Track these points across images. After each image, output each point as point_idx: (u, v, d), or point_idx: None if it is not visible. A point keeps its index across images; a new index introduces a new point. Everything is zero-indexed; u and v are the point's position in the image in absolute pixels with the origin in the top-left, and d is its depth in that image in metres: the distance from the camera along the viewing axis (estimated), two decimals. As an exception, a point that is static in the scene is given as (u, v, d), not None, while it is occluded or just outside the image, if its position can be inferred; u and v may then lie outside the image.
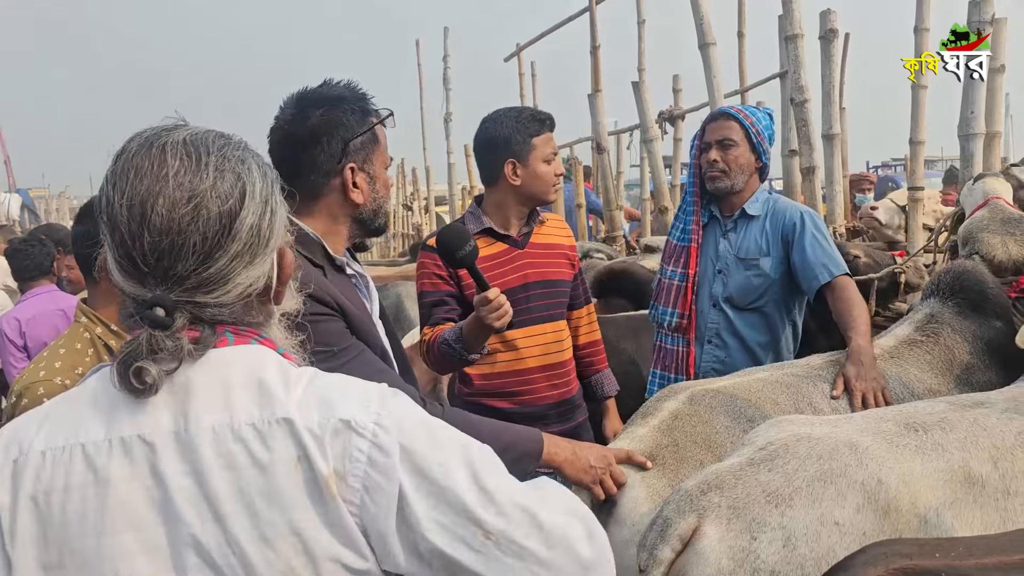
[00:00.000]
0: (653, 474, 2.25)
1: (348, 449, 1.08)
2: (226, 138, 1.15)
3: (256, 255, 1.13)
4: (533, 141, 2.77)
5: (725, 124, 3.13)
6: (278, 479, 1.07)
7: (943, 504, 1.85)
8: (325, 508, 1.07)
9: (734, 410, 2.46)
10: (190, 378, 1.10)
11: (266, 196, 1.15)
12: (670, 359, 3.21)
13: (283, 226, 1.19)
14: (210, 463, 1.06)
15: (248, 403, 1.09)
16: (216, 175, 1.10)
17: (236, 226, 1.10)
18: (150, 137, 1.11)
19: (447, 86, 12.50)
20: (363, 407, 1.12)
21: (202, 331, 1.10)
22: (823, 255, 2.97)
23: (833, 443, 1.91)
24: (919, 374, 2.71)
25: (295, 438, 1.07)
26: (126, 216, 1.07)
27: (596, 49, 7.32)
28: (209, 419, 1.08)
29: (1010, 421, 2.05)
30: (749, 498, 1.83)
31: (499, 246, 2.80)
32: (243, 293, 1.13)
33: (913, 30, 5.07)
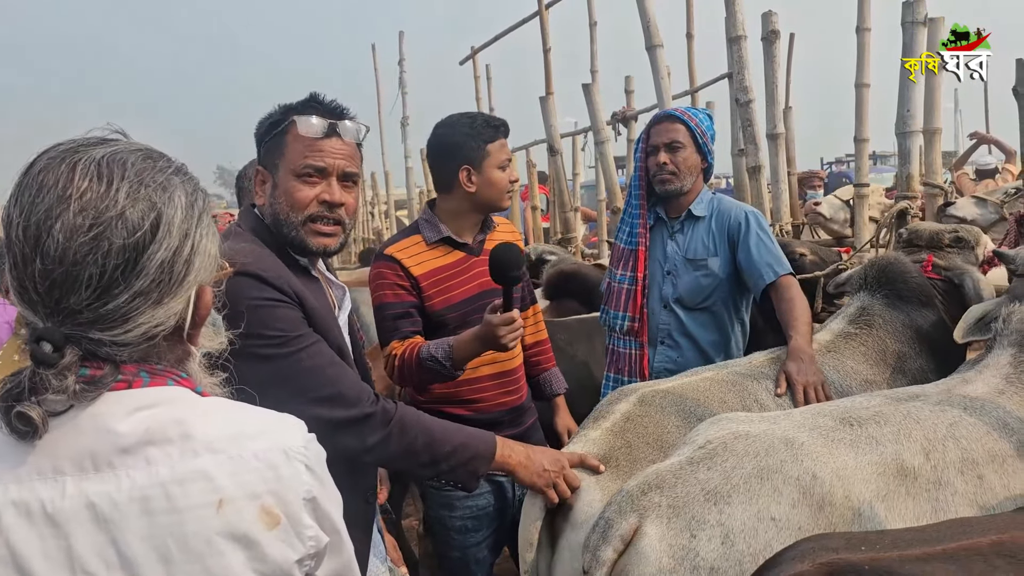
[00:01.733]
0: (607, 476, 2.27)
1: (291, 475, 1.05)
2: (153, 160, 1.04)
3: (165, 295, 1.02)
4: (487, 148, 2.73)
5: (671, 127, 3.17)
6: (198, 523, 1.00)
7: (876, 496, 1.89)
8: (255, 548, 1.02)
9: (684, 410, 2.49)
10: (97, 417, 1.01)
11: (186, 230, 1.04)
12: (623, 362, 3.24)
13: (209, 262, 1.08)
14: (122, 509, 0.98)
15: (165, 446, 1.01)
16: (127, 202, 0.99)
17: (142, 262, 1.00)
18: (65, 152, 1.01)
19: (403, 90, 12.49)
20: (291, 435, 1.09)
21: (104, 369, 1.01)
22: (767, 254, 3.04)
23: (770, 440, 1.95)
24: (855, 366, 2.79)
25: (219, 477, 1.01)
26: (21, 237, 0.99)
27: (548, 51, 7.35)
28: (121, 462, 1.00)
29: (942, 413, 2.11)
30: (689, 497, 1.86)
31: (456, 254, 2.75)
32: (146, 333, 1.02)
33: (855, 30, 5.18)
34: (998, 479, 2.01)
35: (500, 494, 2.77)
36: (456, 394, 2.77)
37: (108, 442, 1.00)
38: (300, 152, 1.94)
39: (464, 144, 2.72)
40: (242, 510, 1.01)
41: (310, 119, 1.92)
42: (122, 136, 1.07)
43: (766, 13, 4.90)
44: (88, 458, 1.00)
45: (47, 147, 1.03)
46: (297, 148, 1.94)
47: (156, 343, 1.05)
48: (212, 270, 1.10)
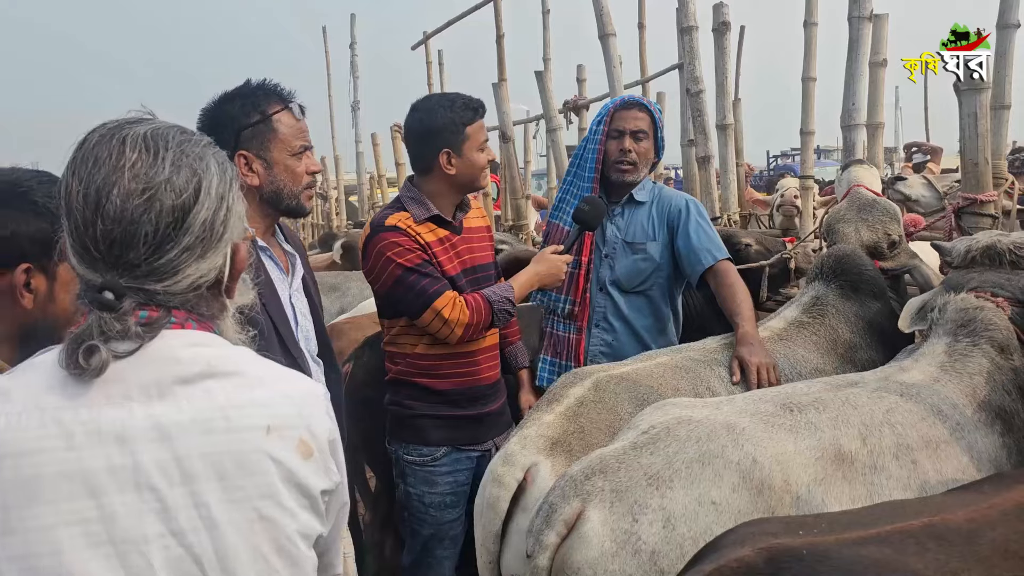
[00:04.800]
0: (561, 461, 2.29)
1: (320, 417, 1.21)
2: (188, 134, 1.18)
3: (208, 249, 1.16)
4: (467, 130, 2.74)
5: (639, 115, 3.16)
6: (251, 443, 1.13)
7: (814, 481, 1.93)
8: (294, 470, 1.15)
9: (637, 396, 2.51)
10: (160, 351, 1.12)
11: (222, 192, 1.17)
12: (561, 346, 3.25)
13: (239, 222, 1.21)
14: (185, 428, 1.10)
15: (222, 379, 1.15)
16: (172, 169, 1.13)
17: (189, 220, 1.13)
18: (112, 128, 1.14)
19: (354, 74, 12.31)
20: (318, 386, 1.26)
21: (158, 314, 1.13)
22: (707, 240, 3.08)
23: (712, 425, 1.97)
24: (806, 354, 2.83)
25: (267, 407, 1.16)
26: (82, 203, 1.10)
27: (501, 38, 7.31)
28: (183, 390, 1.12)
29: (879, 400, 2.16)
30: (631, 481, 1.87)
31: (441, 232, 2.78)
32: (193, 284, 1.15)
33: (803, 24, 5.25)
34: (931, 464, 2.06)
35: (477, 472, 2.81)
36: (444, 366, 2.79)
37: (171, 372, 1.12)
38: (292, 135, 2.23)
39: (445, 128, 2.73)
40: (286, 437, 1.16)
41: (296, 106, 2.24)
42: (154, 116, 1.20)
43: (717, 4, 4.93)
44: (154, 386, 1.11)
45: (95, 126, 1.16)
46: (290, 132, 2.22)
47: (200, 293, 1.18)
48: (242, 230, 1.24)
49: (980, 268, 2.63)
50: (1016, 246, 2.57)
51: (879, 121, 4.79)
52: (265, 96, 2.22)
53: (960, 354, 2.33)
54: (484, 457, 2.86)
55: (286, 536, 1.15)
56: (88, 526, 1.07)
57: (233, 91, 2.24)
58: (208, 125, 2.20)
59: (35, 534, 1.05)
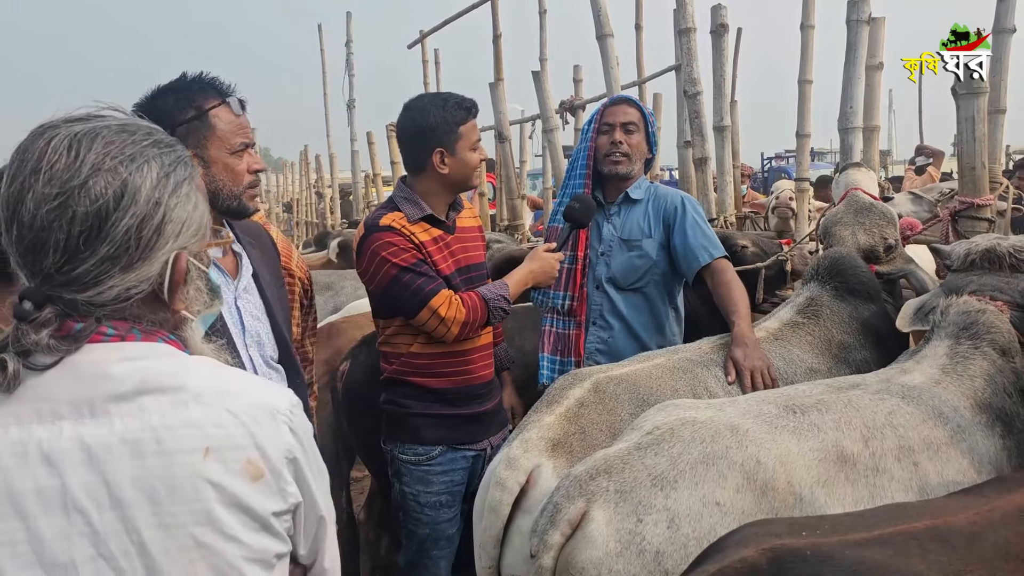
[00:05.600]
0: (562, 462, 2.29)
1: (275, 434, 1.13)
2: (128, 133, 1.10)
3: (134, 260, 1.08)
4: (460, 130, 2.74)
5: (628, 109, 3.19)
6: (185, 467, 1.06)
7: (817, 482, 1.94)
8: (238, 494, 1.09)
9: (637, 397, 2.52)
10: (93, 366, 1.07)
11: (157, 198, 1.09)
12: (561, 343, 3.25)
13: (189, 231, 1.13)
14: (114, 451, 1.05)
15: (158, 395, 1.08)
16: (90, 172, 1.05)
17: (107, 228, 1.05)
18: (45, 127, 1.09)
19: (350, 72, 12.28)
20: (279, 399, 1.16)
21: (82, 326, 1.07)
22: (703, 238, 3.08)
23: (716, 426, 1.97)
24: (801, 354, 2.84)
25: (207, 426, 1.08)
26: (2, 205, 1.07)
27: (498, 38, 7.30)
28: (116, 408, 1.07)
29: (881, 402, 2.17)
30: (636, 482, 1.88)
31: (435, 232, 2.79)
32: (119, 296, 1.08)
33: (800, 27, 5.27)
34: (932, 466, 2.08)
35: (472, 472, 2.82)
36: (439, 365, 2.79)
37: (104, 389, 1.07)
38: (232, 131, 2.09)
39: (438, 127, 2.73)
40: (227, 460, 1.08)
41: (236, 101, 2.11)
42: (115, 112, 1.13)
43: (716, 7, 4.95)
44: (85, 404, 1.06)
45: (37, 126, 1.10)
46: (229, 128, 2.09)
47: (132, 304, 1.11)
48: (196, 237, 1.15)
49: (979, 271, 2.65)
50: (1016, 249, 2.59)
51: (875, 124, 4.81)
52: (201, 90, 2.10)
53: (962, 357, 2.35)
54: (479, 457, 2.87)
55: (227, 563, 1.09)
56: (16, 547, 1.03)
57: (167, 85, 2.11)
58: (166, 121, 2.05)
59: None
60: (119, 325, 1.10)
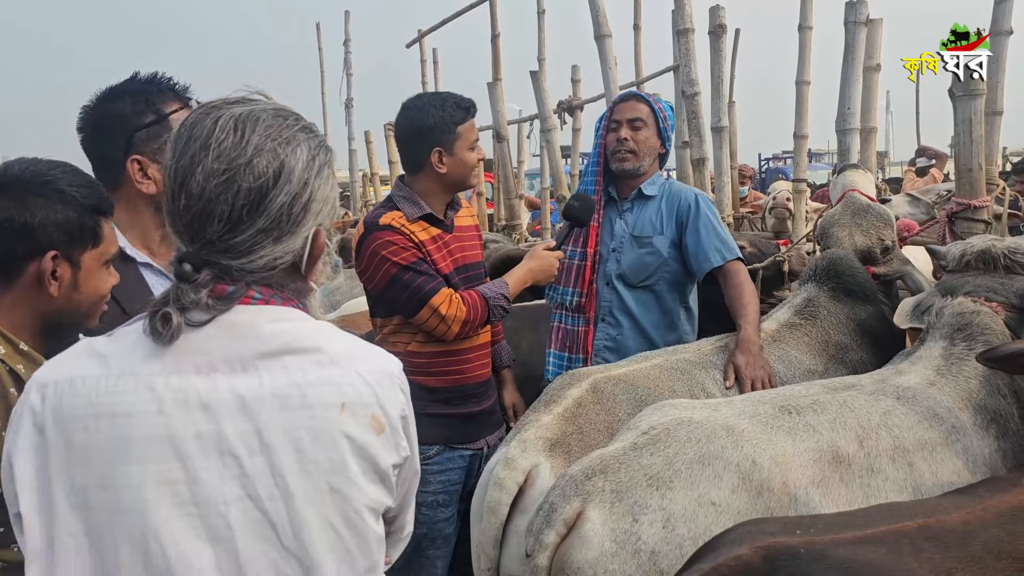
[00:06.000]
0: (560, 462, 2.30)
1: (393, 395, 1.24)
2: (282, 118, 1.21)
3: (284, 233, 1.19)
4: (458, 129, 2.77)
5: (636, 105, 3.18)
6: (326, 420, 1.17)
7: (812, 483, 1.95)
8: (365, 446, 1.19)
9: (635, 397, 2.53)
10: (244, 326, 1.18)
11: (306, 179, 1.20)
12: (570, 339, 3.25)
13: (326, 208, 1.24)
14: (265, 402, 1.15)
15: (300, 355, 1.19)
16: (255, 153, 1.16)
17: (265, 203, 1.17)
18: (211, 108, 1.19)
19: (348, 71, 12.25)
20: (393, 363, 1.29)
21: (233, 289, 1.18)
22: (716, 239, 3.05)
23: (712, 427, 1.98)
24: (799, 355, 2.85)
25: (342, 385, 1.19)
26: (171, 177, 1.17)
27: (496, 37, 7.30)
28: (263, 364, 1.17)
29: (876, 402, 2.18)
30: (632, 482, 1.89)
31: (434, 231, 2.81)
32: (267, 264, 1.19)
33: (798, 28, 5.27)
34: (927, 466, 2.09)
35: (469, 471, 2.82)
36: (435, 364, 2.79)
37: (253, 347, 1.17)
38: None
39: (436, 127, 2.75)
40: (358, 415, 1.19)
41: (196, 104, 1.99)
42: (263, 97, 1.24)
43: (714, 7, 4.95)
44: (237, 359, 1.17)
45: (202, 103, 1.22)
46: None
47: (277, 272, 1.22)
48: (330, 215, 1.26)
49: (974, 272, 2.66)
50: (1010, 251, 2.61)
51: (872, 125, 4.82)
52: (159, 93, 2.01)
53: (956, 358, 2.36)
54: (476, 456, 2.87)
55: (354, 509, 1.19)
56: (174, 487, 1.13)
57: (120, 87, 2.00)
58: (93, 125, 1.99)
59: (128, 491, 1.12)
60: (264, 291, 1.21)
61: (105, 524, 1.12)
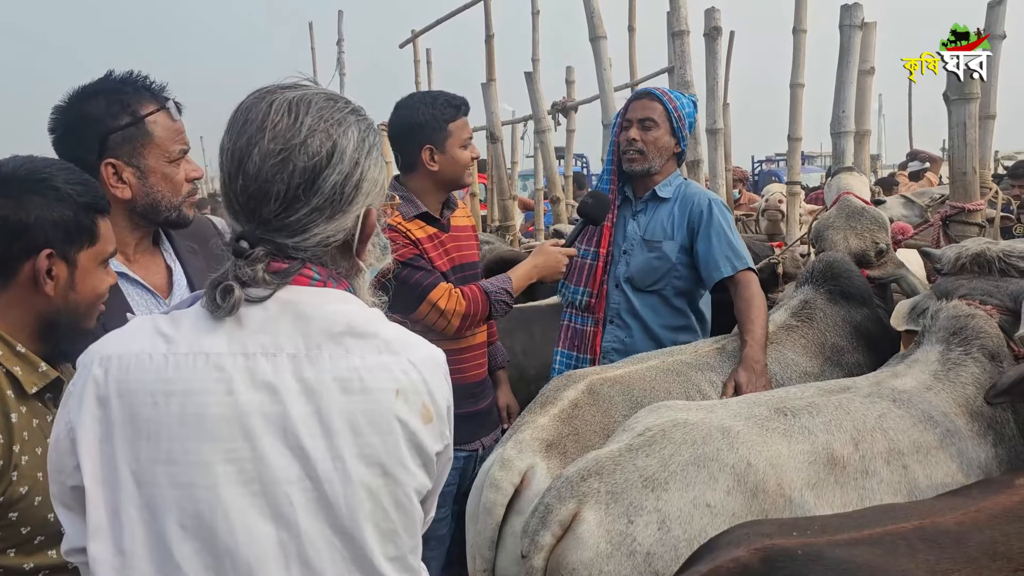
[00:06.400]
0: (556, 463, 2.30)
1: (440, 383, 1.27)
2: (333, 101, 1.24)
3: (337, 211, 1.22)
4: (449, 127, 2.78)
5: (648, 104, 3.13)
6: (382, 404, 1.19)
7: (807, 485, 1.95)
8: (416, 433, 1.21)
9: (631, 399, 2.53)
10: (307, 307, 1.20)
11: (356, 159, 1.23)
12: (579, 339, 3.24)
13: (376, 189, 1.27)
14: (327, 385, 1.17)
15: (360, 339, 1.21)
16: (308, 134, 1.19)
17: (319, 182, 1.19)
18: (265, 92, 1.22)
19: (341, 71, 12.23)
20: (440, 352, 1.31)
21: (288, 266, 1.20)
22: (727, 247, 3.00)
23: (707, 428, 1.98)
24: (795, 357, 2.85)
25: (396, 372, 1.21)
26: (228, 159, 1.20)
27: (491, 38, 7.30)
28: (327, 346, 1.19)
29: (872, 405, 2.18)
30: (627, 483, 1.89)
31: (430, 230, 2.81)
32: (321, 242, 1.22)
33: (792, 31, 5.28)
34: (921, 469, 2.09)
35: (464, 472, 2.82)
36: None
37: (318, 328, 1.20)
38: (170, 139, 1.98)
39: (426, 124, 2.76)
40: (411, 401, 1.21)
41: (173, 105, 2.01)
42: (312, 83, 1.27)
43: (709, 9, 4.95)
44: (301, 339, 1.19)
45: (254, 89, 1.24)
46: (167, 135, 1.97)
47: (330, 251, 1.25)
48: (380, 196, 1.29)
49: (969, 275, 2.66)
50: (1005, 254, 2.61)
51: (866, 128, 4.83)
52: (135, 93, 1.93)
53: (953, 363, 2.36)
54: (471, 457, 2.87)
55: (404, 493, 1.21)
56: (242, 464, 1.15)
57: (93, 86, 1.93)
58: (65, 127, 1.92)
59: (196, 467, 1.15)
60: (321, 271, 1.24)
61: (170, 499, 1.14)
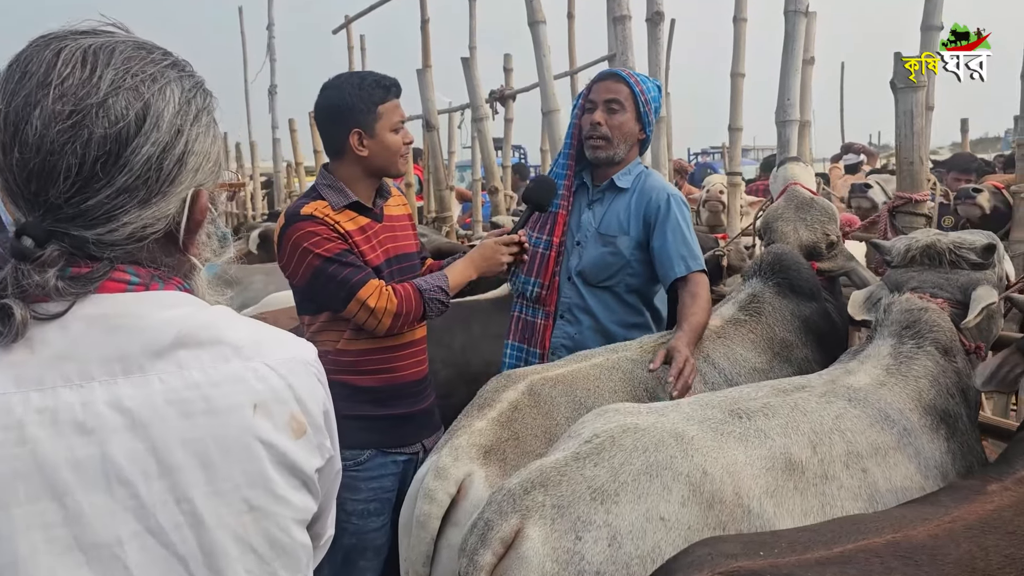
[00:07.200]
0: (495, 470, 2.15)
1: (311, 387, 1.05)
2: (146, 51, 0.98)
3: (154, 193, 0.96)
4: (379, 109, 2.56)
5: (613, 85, 2.94)
6: (237, 425, 0.97)
7: (765, 493, 1.82)
8: (286, 452, 1.00)
9: (574, 400, 2.37)
10: (123, 318, 0.95)
11: (179, 126, 0.97)
12: (529, 331, 3.07)
13: (208, 164, 1.03)
14: (160, 413, 0.94)
15: (196, 350, 0.97)
16: (109, 91, 0.92)
17: (126, 155, 0.93)
18: (52, 38, 0.95)
19: (271, 56, 11.85)
20: (307, 348, 1.08)
21: (91, 269, 0.95)
22: (683, 246, 2.84)
23: (659, 434, 1.84)
24: (743, 352, 2.73)
25: (251, 381, 0.99)
26: (1, 124, 0.92)
27: (426, 23, 7.11)
28: (152, 365, 0.95)
29: (828, 405, 2.07)
30: (574, 495, 1.73)
31: (362, 220, 2.61)
32: (133, 234, 0.96)
33: (733, 19, 5.21)
34: (880, 472, 1.99)
35: (404, 476, 2.65)
36: (366, 363, 2.61)
37: (138, 344, 0.95)
38: None
39: (354, 106, 2.55)
40: (275, 415, 1.00)
41: None
42: (119, 28, 1.00)
43: (651, -6, 4.83)
44: (117, 361, 0.94)
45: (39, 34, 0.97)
46: None
47: (147, 246, 0.99)
48: (213, 174, 1.04)
49: (919, 267, 2.59)
50: (956, 245, 2.53)
51: (806, 119, 4.79)
52: None
53: (905, 357, 2.27)
54: (411, 461, 2.70)
55: (279, 527, 1.00)
56: (51, 531, 0.90)
57: None
58: None
59: None
60: (140, 271, 0.99)
61: None
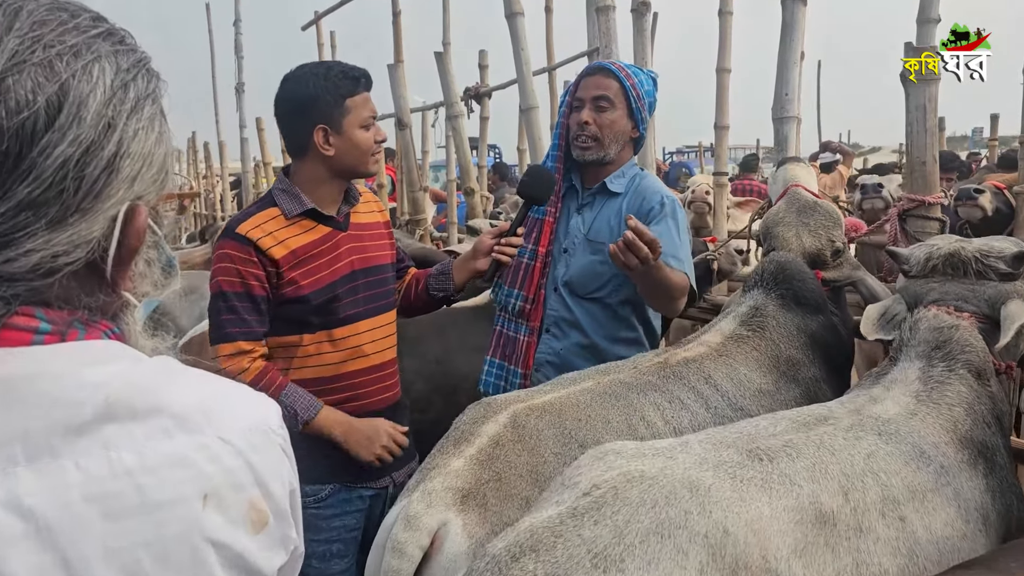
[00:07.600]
0: (475, 519, 1.88)
1: (276, 462, 0.81)
2: (68, 13, 0.73)
3: (71, 209, 0.71)
4: (347, 103, 2.28)
5: (602, 81, 2.69)
6: (182, 524, 0.73)
7: (794, 551, 1.55)
8: (242, 553, 0.76)
9: (563, 433, 2.10)
10: (28, 384, 0.71)
11: (110, 119, 0.72)
12: (511, 348, 2.80)
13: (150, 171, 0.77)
14: (75, 514, 0.69)
15: (127, 423, 0.73)
16: (9, 67, 0.68)
17: (32, 157, 0.69)
18: None
19: (239, 54, 11.50)
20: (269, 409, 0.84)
21: None
22: (672, 247, 2.58)
23: (670, 484, 1.56)
24: (748, 372, 2.46)
25: (201, 463, 0.74)
26: None
27: (398, 15, 6.83)
28: (67, 446, 0.70)
29: (858, 441, 1.80)
30: (571, 562, 1.45)
31: (321, 230, 2.34)
32: (40, 266, 0.71)
33: (718, 13, 4.98)
34: (919, 519, 1.73)
35: (371, 514, 2.41)
36: (329, 391, 2.35)
37: (50, 418, 0.70)
38: None
39: (319, 99, 2.26)
40: (228, 506, 0.76)
41: None
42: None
43: (636, -17, 4.57)
44: (18, 443, 0.69)
45: None
46: None
47: (60, 281, 0.73)
48: (157, 184, 0.79)
49: (941, 278, 2.34)
50: (982, 254, 2.29)
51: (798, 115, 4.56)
52: None
53: (936, 382, 2.02)
54: (379, 496, 2.44)
55: None
56: None
57: None
58: None
59: None
60: (53, 315, 0.74)
61: None
